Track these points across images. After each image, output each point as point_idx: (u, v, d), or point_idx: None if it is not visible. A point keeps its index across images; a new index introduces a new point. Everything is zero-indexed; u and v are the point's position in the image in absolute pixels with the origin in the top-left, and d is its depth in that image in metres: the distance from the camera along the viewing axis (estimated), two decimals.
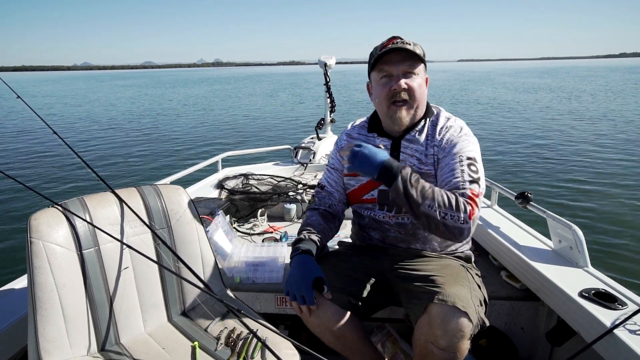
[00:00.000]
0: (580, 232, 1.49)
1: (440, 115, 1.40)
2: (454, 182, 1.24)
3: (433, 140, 1.35)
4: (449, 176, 1.26)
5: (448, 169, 1.28)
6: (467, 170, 1.25)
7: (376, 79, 1.35)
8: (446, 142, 1.32)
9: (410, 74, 1.31)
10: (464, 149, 1.30)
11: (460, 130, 1.34)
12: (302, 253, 1.29)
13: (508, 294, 1.63)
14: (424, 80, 1.35)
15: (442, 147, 1.32)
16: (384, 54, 1.29)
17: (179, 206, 1.39)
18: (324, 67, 3.50)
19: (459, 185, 1.23)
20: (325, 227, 1.43)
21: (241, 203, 2.49)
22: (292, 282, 1.24)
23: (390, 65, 1.30)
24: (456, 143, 1.31)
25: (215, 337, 1.23)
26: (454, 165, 1.27)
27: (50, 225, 1.13)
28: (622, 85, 26.84)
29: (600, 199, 5.14)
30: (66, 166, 7.52)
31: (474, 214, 1.19)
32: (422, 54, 1.32)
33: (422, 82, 1.33)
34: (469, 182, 1.23)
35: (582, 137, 9.22)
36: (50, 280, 1.09)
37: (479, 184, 1.25)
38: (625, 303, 1.25)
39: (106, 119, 14.79)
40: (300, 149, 3.46)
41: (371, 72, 1.37)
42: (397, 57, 1.29)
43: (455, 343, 1.09)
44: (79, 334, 1.13)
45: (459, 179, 1.24)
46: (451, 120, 1.38)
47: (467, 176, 1.24)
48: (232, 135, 10.95)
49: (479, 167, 1.29)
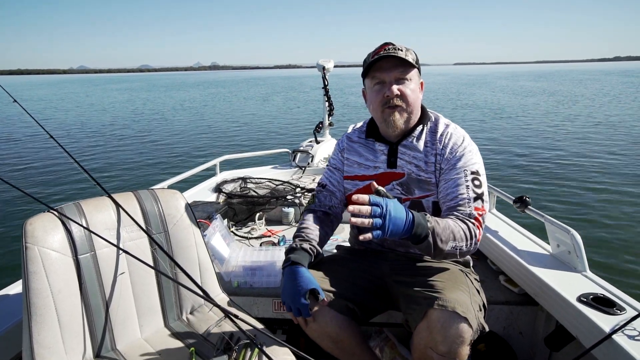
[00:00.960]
0: (579, 237, 1.49)
1: (439, 122, 1.39)
2: (459, 199, 1.26)
3: (433, 147, 1.35)
4: (453, 192, 1.27)
5: (453, 183, 1.28)
6: (472, 185, 1.27)
7: (370, 86, 1.36)
8: (450, 152, 1.32)
9: (402, 80, 1.31)
10: (468, 162, 1.30)
11: (463, 141, 1.34)
12: (292, 264, 1.28)
13: (506, 299, 1.63)
14: (417, 85, 1.35)
15: (446, 157, 1.32)
16: (376, 61, 1.30)
17: (176, 211, 1.39)
18: (322, 70, 3.51)
19: (465, 203, 1.25)
20: (322, 232, 1.41)
21: (239, 207, 2.48)
22: (286, 294, 1.23)
23: (382, 72, 1.31)
24: (461, 156, 1.31)
25: (212, 342, 1.22)
26: (459, 181, 1.28)
27: (46, 230, 1.12)
28: (618, 89, 27.00)
29: (598, 204, 5.15)
30: (62, 170, 7.49)
31: (481, 235, 1.25)
32: (415, 60, 1.32)
33: (415, 87, 1.34)
34: (474, 199, 1.26)
35: (581, 142, 9.25)
36: (46, 285, 1.08)
37: (483, 199, 1.28)
38: (623, 308, 1.25)
39: (102, 123, 14.74)
40: (299, 152, 3.46)
41: (365, 79, 1.38)
42: (388, 64, 1.30)
43: (455, 349, 1.09)
44: (75, 340, 1.12)
45: (464, 195, 1.26)
46: (451, 127, 1.38)
47: (472, 192, 1.26)
48: (230, 139, 10.94)
49: (483, 180, 1.30)
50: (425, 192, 1.35)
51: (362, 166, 1.43)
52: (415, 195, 1.35)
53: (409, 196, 1.36)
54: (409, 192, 1.36)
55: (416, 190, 1.35)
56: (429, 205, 1.35)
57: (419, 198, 1.35)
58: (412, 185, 1.35)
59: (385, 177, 1.39)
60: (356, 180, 1.44)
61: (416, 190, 1.35)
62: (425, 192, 1.35)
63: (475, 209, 1.25)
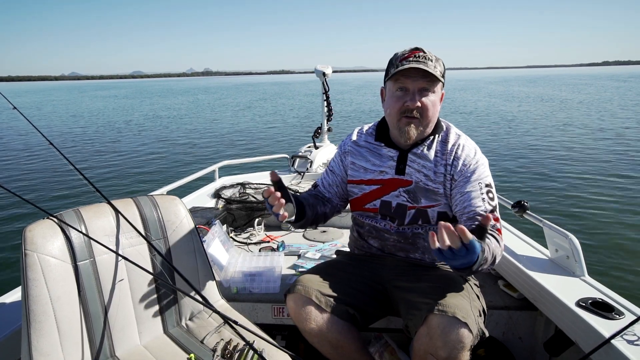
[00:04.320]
0: (577, 241, 1.49)
1: (450, 132, 1.38)
2: (478, 212, 1.26)
3: (443, 157, 1.34)
4: (470, 205, 1.27)
5: (468, 197, 1.29)
6: (487, 198, 1.28)
7: (391, 89, 1.32)
8: (463, 165, 1.32)
9: (426, 92, 1.28)
10: (481, 175, 1.31)
11: (475, 154, 1.34)
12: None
13: (506, 304, 1.63)
14: (439, 97, 1.32)
15: (459, 170, 1.32)
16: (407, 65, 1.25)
17: (175, 217, 1.39)
18: (321, 76, 3.52)
19: (482, 214, 1.24)
20: (313, 201, 1.44)
21: (238, 212, 2.48)
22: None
23: (408, 78, 1.26)
24: (474, 169, 1.31)
25: (211, 348, 1.22)
26: (474, 194, 1.28)
27: (45, 237, 1.12)
28: (610, 93, 27.08)
29: (596, 208, 5.15)
30: (61, 177, 7.48)
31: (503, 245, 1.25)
32: (442, 72, 1.29)
33: (436, 100, 1.30)
34: (491, 212, 1.26)
35: (578, 146, 9.28)
36: (45, 292, 1.07)
37: (497, 211, 1.29)
38: (622, 313, 1.25)
39: (101, 130, 14.74)
40: (298, 157, 3.46)
41: (387, 81, 1.33)
42: (416, 72, 1.25)
43: (456, 354, 1.09)
44: (73, 347, 1.12)
45: (482, 207, 1.26)
46: (462, 139, 1.37)
47: (488, 205, 1.27)
48: (229, 145, 10.95)
49: (494, 192, 1.32)
50: (431, 201, 1.35)
51: (369, 171, 1.43)
52: (422, 205, 1.35)
53: (415, 204, 1.36)
54: (415, 201, 1.36)
55: (422, 200, 1.35)
56: (434, 215, 1.35)
57: (425, 207, 1.35)
58: (419, 194, 1.35)
59: (392, 184, 1.38)
60: (362, 185, 1.44)
61: (423, 199, 1.35)
62: (431, 202, 1.35)
63: (495, 220, 1.25)
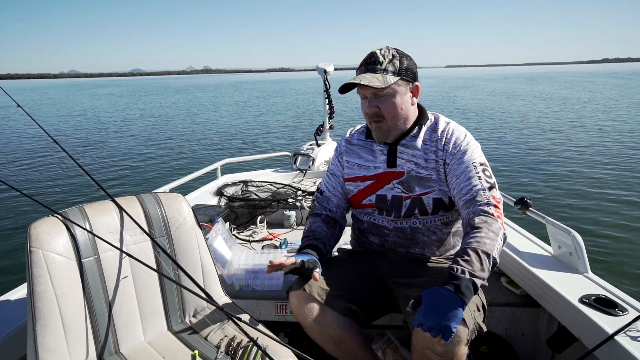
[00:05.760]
0: (580, 238, 1.49)
1: (440, 120, 1.41)
2: (474, 190, 1.26)
3: (433, 144, 1.36)
4: (466, 185, 1.28)
5: (464, 177, 1.29)
6: (483, 176, 1.28)
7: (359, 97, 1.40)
8: (454, 147, 1.33)
9: (381, 96, 1.31)
10: (474, 154, 1.32)
11: (465, 136, 1.36)
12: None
13: (508, 300, 1.63)
14: (404, 95, 1.33)
15: (451, 152, 1.33)
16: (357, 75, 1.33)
17: (179, 214, 1.39)
18: (323, 73, 3.52)
19: (481, 193, 1.25)
20: (328, 234, 1.44)
21: (240, 210, 2.49)
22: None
23: (361, 87, 1.33)
24: (465, 150, 1.32)
25: (215, 345, 1.23)
26: (470, 173, 1.29)
27: (50, 234, 1.12)
28: (612, 91, 26.92)
29: (599, 204, 5.14)
30: (66, 174, 7.51)
31: (504, 224, 1.22)
32: (397, 70, 1.30)
33: (399, 99, 1.32)
34: (489, 189, 1.26)
35: (581, 143, 9.25)
36: (50, 289, 1.08)
37: (496, 188, 1.28)
38: (625, 309, 1.25)
39: (105, 128, 14.78)
40: (300, 155, 3.47)
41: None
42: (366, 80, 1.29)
43: (452, 348, 1.10)
44: (79, 344, 1.13)
45: (478, 186, 1.26)
46: (452, 124, 1.39)
47: (485, 182, 1.27)
48: (231, 143, 10.96)
49: (490, 170, 1.32)
50: (425, 189, 1.36)
51: (363, 167, 1.45)
52: (416, 193, 1.37)
53: (409, 194, 1.38)
54: (409, 190, 1.38)
55: (416, 188, 1.37)
56: (430, 202, 1.36)
57: (419, 195, 1.37)
58: (412, 183, 1.37)
59: (385, 177, 1.41)
60: (357, 182, 1.46)
61: (416, 187, 1.37)
62: (425, 189, 1.36)
63: (494, 198, 1.25)
